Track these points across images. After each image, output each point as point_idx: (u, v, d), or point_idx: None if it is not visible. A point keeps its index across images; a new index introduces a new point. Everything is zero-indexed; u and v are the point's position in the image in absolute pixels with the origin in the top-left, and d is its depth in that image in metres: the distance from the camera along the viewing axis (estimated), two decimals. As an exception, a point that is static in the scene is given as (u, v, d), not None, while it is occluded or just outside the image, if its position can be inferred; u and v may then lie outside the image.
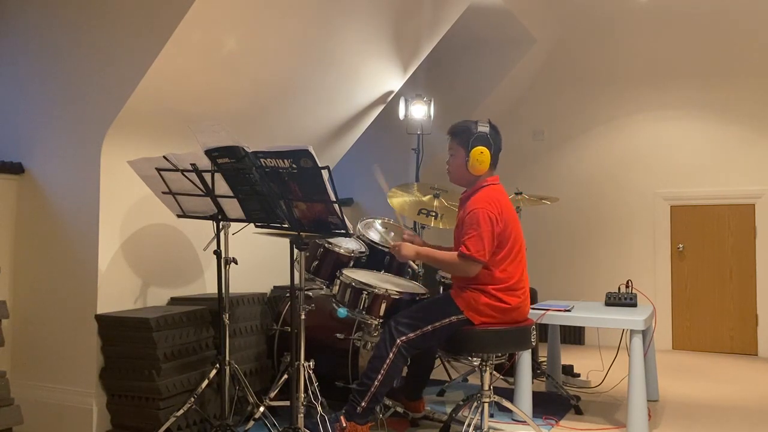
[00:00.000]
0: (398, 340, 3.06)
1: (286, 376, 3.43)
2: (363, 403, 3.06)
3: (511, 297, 3.10)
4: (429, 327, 3.09)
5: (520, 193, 4.59)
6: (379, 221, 4.03)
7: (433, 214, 4.08)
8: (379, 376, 3.05)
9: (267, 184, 2.79)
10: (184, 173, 3.02)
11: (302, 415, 3.00)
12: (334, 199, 2.65)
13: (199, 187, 3.05)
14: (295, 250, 3.03)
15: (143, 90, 3.29)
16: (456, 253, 3.08)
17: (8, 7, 3.63)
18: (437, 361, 3.95)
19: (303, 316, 3.00)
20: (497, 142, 3.22)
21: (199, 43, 3.33)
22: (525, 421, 3.53)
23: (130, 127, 3.45)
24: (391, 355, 3.05)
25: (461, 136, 3.20)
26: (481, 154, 3.14)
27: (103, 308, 3.40)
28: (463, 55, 6.32)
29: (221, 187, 2.99)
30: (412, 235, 3.45)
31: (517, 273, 3.13)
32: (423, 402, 3.65)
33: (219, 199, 3.06)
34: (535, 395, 3.82)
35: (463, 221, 3.13)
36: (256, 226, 3.11)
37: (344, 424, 3.06)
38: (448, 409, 3.78)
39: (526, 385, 3.70)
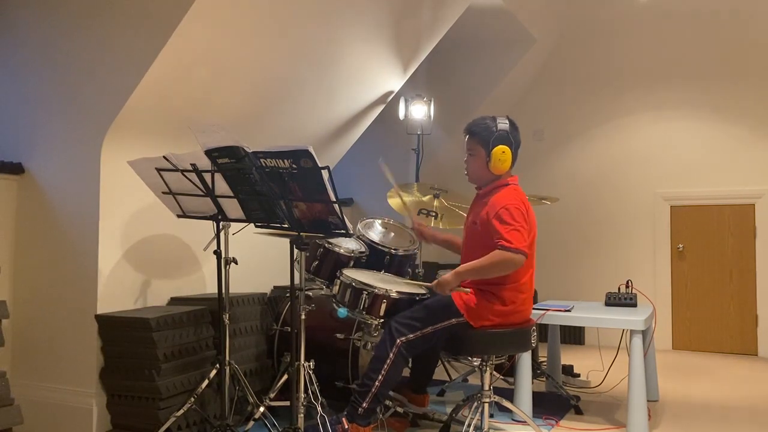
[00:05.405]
0: (398, 341, 3.06)
1: (286, 376, 3.43)
2: (364, 404, 3.06)
3: (517, 295, 3.08)
4: (429, 329, 3.08)
5: (520, 193, 4.58)
6: (379, 221, 4.03)
7: (433, 214, 4.08)
8: (380, 377, 3.05)
9: (267, 184, 2.79)
10: (184, 173, 3.02)
11: (302, 415, 3.00)
12: (334, 200, 2.65)
13: (199, 187, 3.05)
14: (295, 250, 3.03)
15: (143, 90, 3.28)
16: (493, 252, 2.92)
17: (7, 7, 3.63)
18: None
19: (303, 316, 3.00)
20: (517, 139, 3.17)
21: (199, 43, 3.33)
22: (525, 421, 3.53)
23: (130, 127, 3.45)
24: (391, 355, 3.05)
25: (481, 134, 3.13)
26: (503, 153, 3.11)
27: (103, 308, 3.40)
28: (463, 55, 6.31)
29: (221, 187, 2.99)
30: (420, 223, 3.45)
31: (528, 273, 3.12)
32: (428, 396, 3.66)
33: (219, 199, 3.06)
34: (535, 395, 3.82)
35: (488, 218, 3.03)
36: (256, 226, 3.11)
37: (346, 426, 3.05)
38: (448, 409, 3.78)
39: (526, 385, 3.70)
